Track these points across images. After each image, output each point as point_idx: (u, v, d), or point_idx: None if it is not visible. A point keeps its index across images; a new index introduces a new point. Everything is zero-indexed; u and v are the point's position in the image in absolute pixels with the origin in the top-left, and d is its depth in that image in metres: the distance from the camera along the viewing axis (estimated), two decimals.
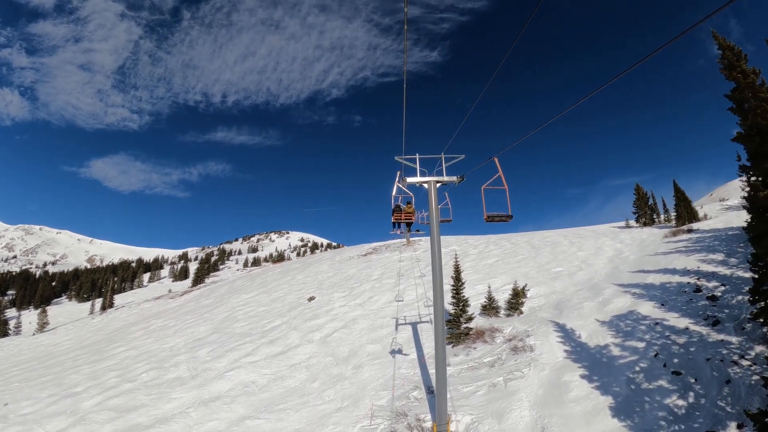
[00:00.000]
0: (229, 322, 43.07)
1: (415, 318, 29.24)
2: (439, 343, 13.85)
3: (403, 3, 4.60)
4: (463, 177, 14.94)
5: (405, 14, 4.87)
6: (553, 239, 55.42)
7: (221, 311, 50.53)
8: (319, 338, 28.87)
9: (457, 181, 15.02)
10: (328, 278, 52.91)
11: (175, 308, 68.96)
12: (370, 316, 31.71)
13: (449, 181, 14.96)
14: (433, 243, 14.12)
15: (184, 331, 45.81)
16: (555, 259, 41.74)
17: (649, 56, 5.01)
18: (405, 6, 4.53)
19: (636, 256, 39.47)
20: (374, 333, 27.82)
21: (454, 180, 14.98)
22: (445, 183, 15.03)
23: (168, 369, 31.41)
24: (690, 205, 55.81)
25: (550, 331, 22.36)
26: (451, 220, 20.97)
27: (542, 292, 31.15)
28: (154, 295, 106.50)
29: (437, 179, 14.78)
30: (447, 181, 14.93)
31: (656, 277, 29.89)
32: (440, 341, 13.86)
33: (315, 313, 35.63)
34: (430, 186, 14.53)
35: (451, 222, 20.99)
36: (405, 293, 35.67)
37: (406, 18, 5.01)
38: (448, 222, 21.13)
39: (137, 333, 55.76)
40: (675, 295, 25.73)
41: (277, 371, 25.66)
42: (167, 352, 37.87)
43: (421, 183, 14.76)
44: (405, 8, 4.53)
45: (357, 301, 36.90)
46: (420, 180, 14.75)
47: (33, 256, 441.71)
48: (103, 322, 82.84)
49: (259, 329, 35.78)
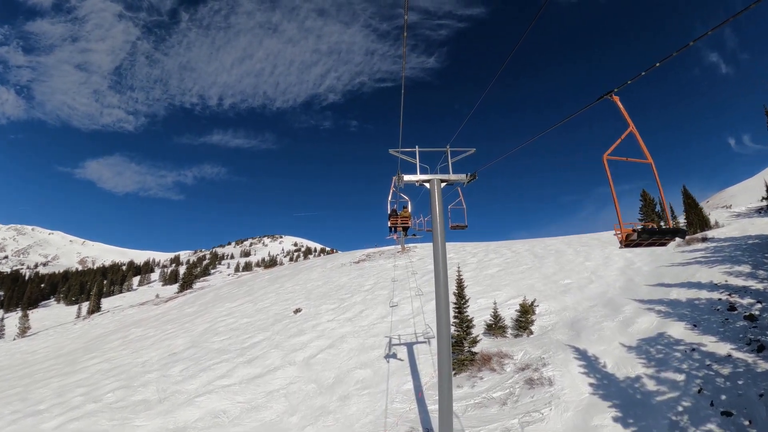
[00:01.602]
0: (208, 335, 39.65)
1: (410, 337, 25.92)
2: (444, 391, 10.56)
3: (403, 9, 4.58)
4: (474, 175, 11.75)
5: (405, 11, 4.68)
6: (557, 248, 52.28)
7: (202, 321, 47.13)
8: (302, 359, 25.48)
9: (466, 180, 11.84)
10: (317, 287, 49.47)
11: (157, 316, 65.29)
12: (361, 333, 28.36)
13: (457, 180, 11.79)
14: (437, 254, 10.91)
15: (161, 343, 42.71)
16: (562, 270, 38.57)
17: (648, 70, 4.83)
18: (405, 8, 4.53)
19: (650, 267, 36.40)
20: (364, 355, 24.46)
21: (462, 178, 11.81)
22: (452, 182, 11.85)
23: (136, 389, 28.45)
24: (701, 212, 52.88)
25: (570, 358, 19.11)
26: (467, 225, 17.34)
27: (552, 308, 27.94)
28: (140, 300, 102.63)
29: (442, 177, 11.58)
30: (454, 180, 11.76)
31: (681, 292, 26.80)
32: (445, 386, 10.58)
33: (300, 328, 32.24)
34: (433, 186, 11.33)
35: (466, 228, 17.35)
36: (399, 308, 32.34)
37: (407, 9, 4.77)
38: (462, 228, 17.48)
39: (115, 343, 52.63)
40: (707, 313, 22.63)
41: (253, 399, 22.31)
42: (139, 367, 34.77)
43: (422, 182, 11.56)
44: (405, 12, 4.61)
45: (346, 315, 33.52)
46: (420, 178, 11.55)
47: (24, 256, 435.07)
48: (83, 329, 79.11)
49: (238, 345, 32.40)
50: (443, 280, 10.78)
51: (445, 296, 10.82)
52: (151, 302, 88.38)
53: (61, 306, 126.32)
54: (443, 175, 11.58)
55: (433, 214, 11.03)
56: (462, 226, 17.94)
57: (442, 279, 10.81)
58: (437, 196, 11.12)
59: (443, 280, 10.79)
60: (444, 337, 10.65)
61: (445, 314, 10.67)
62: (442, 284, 10.77)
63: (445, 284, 10.89)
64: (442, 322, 10.64)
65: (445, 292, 10.86)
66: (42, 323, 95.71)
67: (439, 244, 10.91)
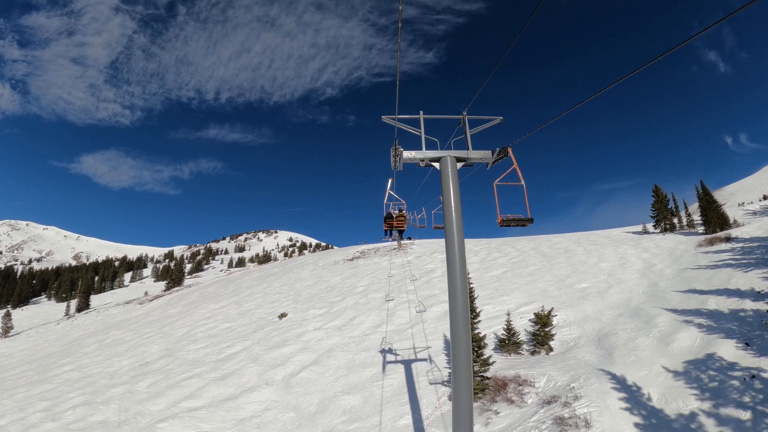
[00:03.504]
0: (185, 341, 36.01)
1: (408, 352, 22.27)
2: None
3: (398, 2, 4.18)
4: (506, 151, 8.06)
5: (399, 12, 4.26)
6: (565, 246, 48.67)
7: (182, 325, 43.51)
8: (281, 378, 21.81)
9: (492, 159, 8.17)
10: (306, 288, 45.71)
11: (139, 317, 61.57)
12: (351, 346, 24.68)
13: (479, 159, 8.11)
14: (454, 261, 7.26)
15: (136, 350, 39.36)
16: (575, 272, 34.98)
17: (643, 66, 4.65)
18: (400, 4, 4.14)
19: (673, 270, 32.86)
20: (354, 375, 20.77)
21: (486, 157, 8.14)
22: (472, 162, 8.18)
23: (98, 406, 25.50)
24: (720, 209, 49.31)
25: (606, 388, 15.48)
26: (533, 219, 14.29)
27: (572, 317, 24.35)
28: (128, 298, 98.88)
29: (458, 154, 7.89)
30: (475, 159, 8.08)
31: (719, 301, 23.28)
32: None
33: (283, 337, 28.55)
34: (446, 166, 7.65)
35: (532, 222, 14.36)
36: (395, 315, 28.70)
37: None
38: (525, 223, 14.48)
39: (91, 347, 49.38)
40: (758, 329, 19.14)
41: (221, 428, 18.71)
42: (107, 379, 31.60)
43: (430, 161, 7.88)
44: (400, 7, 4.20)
45: (336, 322, 29.80)
46: (427, 155, 7.88)
47: (18, 252, 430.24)
48: (64, 330, 75.42)
49: (214, 356, 28.76)
50: (462, 298, 7.13)
51: (465, 317, 7.14)
52: (136, 301, 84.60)
53: (51, 303, 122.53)
54: (459, 152, 7.89)
55: (446, 204, 7.36)
56: (526, 220, 14.49)
57: (460, 294, 7.15)
58: (452, 180, 7.45)
59: (462, 296, 7.13)
60: (463, 375, 7.01)
61: (464, 339, 7.00)
62: (461, 304, 7.11)
63: (465, 303, 7.20)
64: (461, 361, 6.99)
65: (465, 312, 7.18)
66: (31, 321, 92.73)
67: (456, 248, 7.24)
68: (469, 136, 8.34)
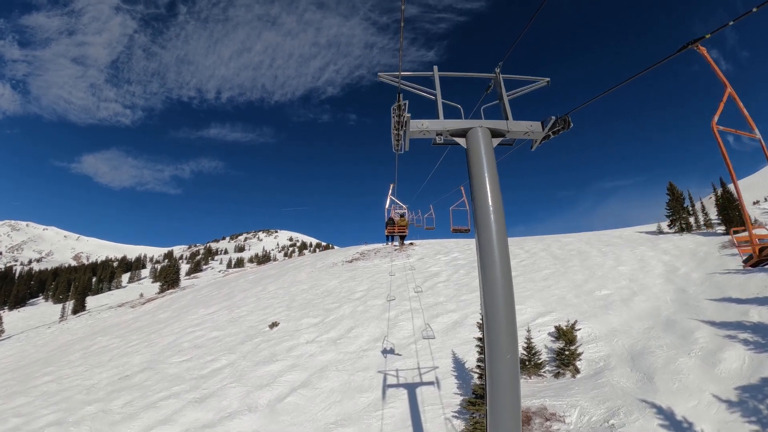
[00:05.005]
0: (170, 352, 33.35)
1: (412, 374, 19.47)
2: None
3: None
4: (566, 120, 5.33)
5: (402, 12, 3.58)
6: (577, 247, 45.85)
7: (170, 332, 40.85)
8: (266, 403, 19.06)
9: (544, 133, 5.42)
10: (302, 292, 42.92)
11: (129, 322, 58.92)
12: (346, 364, 21.89)
13: (525, 134, 5.36)
14: (494, 284, 4.29)
15: (119, 360, 36.88)
16: (592, 277, 32.18)
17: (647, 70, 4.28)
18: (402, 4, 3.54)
19: (699, 274, 30.05)
20: (349, 401, 17.98)
21: (535, 130, 5.41)
22: (511, 139, 5.43)
23: (69, 427, 23.57)
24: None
25: (654, 425, 12.73)
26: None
27: (597, 330, 21.57)
28: (124, 300, 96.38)
29: (494, 125, 5.16)
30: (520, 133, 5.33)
31: (762, 313, 20.54)
32: None
33: (272, 351, 25.79)
34: (476, 139, 4.86)
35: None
36: (397, 327, 25.92)
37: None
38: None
39: (75, 355, 46.97)
40: None
41: None
42: (83, 394, 29.35)
43: (452, 134, 5.12)
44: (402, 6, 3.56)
45: (331, 334, 27.00)
46: (447, 126, 5.10)
47: (18, 252, 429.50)
48: (53, 335, 72.99)
49: (196, 371, 26.07)
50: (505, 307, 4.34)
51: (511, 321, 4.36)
52: (128, 304, 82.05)
53: (48, 304, 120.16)
54: (496, 122, 5.15)
55: (478, 197, 4.56)
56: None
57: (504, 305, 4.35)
58: (486, 161, 4.67)
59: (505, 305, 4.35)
60: None
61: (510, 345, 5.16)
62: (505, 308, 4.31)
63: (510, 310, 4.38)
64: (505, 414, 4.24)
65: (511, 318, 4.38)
66: (27, 323, 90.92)
67: (497, 263, 4.40)
68: (507, 102, 5.60)
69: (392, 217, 16.38)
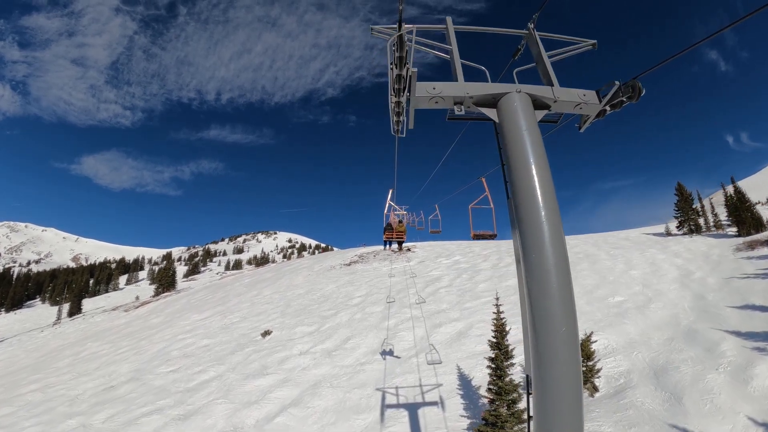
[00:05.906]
0: (158, 361, 31.71)
1: (413, 391, 17.79)
2: None
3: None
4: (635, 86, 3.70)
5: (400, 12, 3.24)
6: (584, 250, 44.21)
7: (160, 339, 39.22)
8: (253, 423, 17.40)
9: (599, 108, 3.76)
10: (298, 297, 41.22)
11: (120, 326, 57.23)
12: (342, 379, 20.20)
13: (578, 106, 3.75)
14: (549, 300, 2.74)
15: (107, 368, 35.32)
16: (603, 282, 30.55)
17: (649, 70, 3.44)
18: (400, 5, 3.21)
19: (716, 279, 28.44)
20: (343, 423, 16.30)
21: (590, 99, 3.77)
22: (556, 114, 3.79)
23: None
24: (753, 209, 44.82)
25: None
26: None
27: (614, 342, 19.93)
28: (115, 304, 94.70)
29: (536, 91, 3.54)
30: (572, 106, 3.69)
31: None
32: None
33: (263, 363, 24.13)
34: (514, 111, 3.20)
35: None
36: (398, 338, 24.23)
37: None
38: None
39: (64, 361, 45.43)
40: None
41: None
42: (66, 406, 27.90)
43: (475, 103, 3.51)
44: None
45: (326, 345, 25.30)
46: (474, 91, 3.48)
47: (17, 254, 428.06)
48: (45, 339, 71.33)
49: (183, 383, 24.44)
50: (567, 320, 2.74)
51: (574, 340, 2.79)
52: (122, 307, 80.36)
53: (45, 306, 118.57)
54: (538, 88, 3.54)
55: (522, 188, 2.95)
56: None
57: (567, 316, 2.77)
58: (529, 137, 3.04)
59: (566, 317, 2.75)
60: None
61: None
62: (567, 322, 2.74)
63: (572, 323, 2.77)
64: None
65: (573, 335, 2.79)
66: (23, 325, 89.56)
67: (553, 272, 2.80)
68: (549, 64, 3.99)
69: (390, 223, 15.80)
